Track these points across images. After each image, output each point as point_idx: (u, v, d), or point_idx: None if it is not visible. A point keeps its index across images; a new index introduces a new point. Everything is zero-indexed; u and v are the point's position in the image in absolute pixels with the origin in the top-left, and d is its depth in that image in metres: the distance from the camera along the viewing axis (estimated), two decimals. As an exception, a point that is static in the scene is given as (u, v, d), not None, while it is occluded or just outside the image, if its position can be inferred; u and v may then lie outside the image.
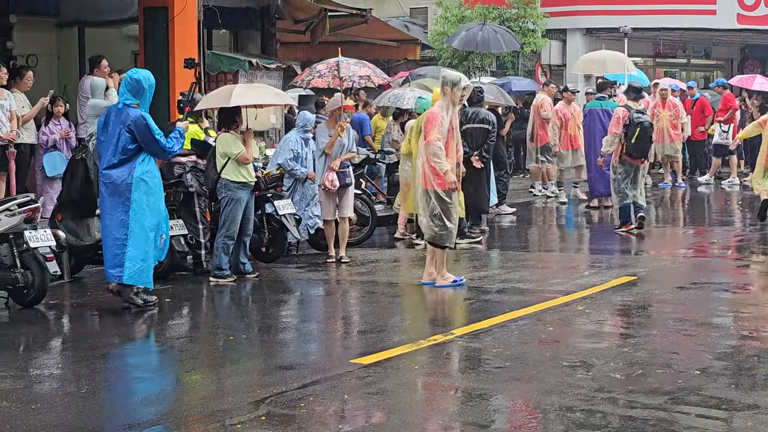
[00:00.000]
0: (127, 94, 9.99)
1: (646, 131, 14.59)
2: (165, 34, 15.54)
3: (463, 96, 10.76)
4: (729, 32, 30.07)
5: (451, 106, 10.68)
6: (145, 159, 9.97)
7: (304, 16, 18.93)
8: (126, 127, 9.81)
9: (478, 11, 27.16)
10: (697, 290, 10.86)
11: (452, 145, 10.74)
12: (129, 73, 10.17)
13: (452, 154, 10.74)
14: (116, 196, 9.92)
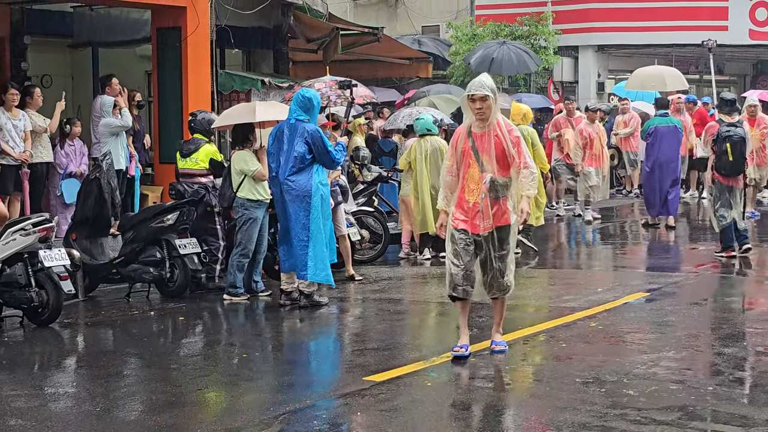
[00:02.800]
0: (299, 111, 10.87)
1: (736, 146, 13.23)
2: (178, 54, 15.65)
3: (480, 110, 8.28)
4: (741, 48, 30.07)
5: (475, 122, 8.42)
6: (318, 169, 10.87)
7: (316, 35, 18.99)
8: (303, 140, 10.70)
9: (490, 29, 27.22)
10: (712, 306, 10.84)
11: (472, 171, 8.42)
12: (300, 92, 11.09)
13: (471, 181, 8.42)
14: (298, 201, 10.81)
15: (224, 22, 16.15)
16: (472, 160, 8.42)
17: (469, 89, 8.38)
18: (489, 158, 8.35)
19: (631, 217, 20.35)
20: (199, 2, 15.42)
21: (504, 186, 8.39)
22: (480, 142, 8.40)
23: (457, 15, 30.24)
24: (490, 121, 8.38)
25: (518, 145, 8.40)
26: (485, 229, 8.36)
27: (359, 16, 31.87)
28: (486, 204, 8.35)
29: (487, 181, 8.33)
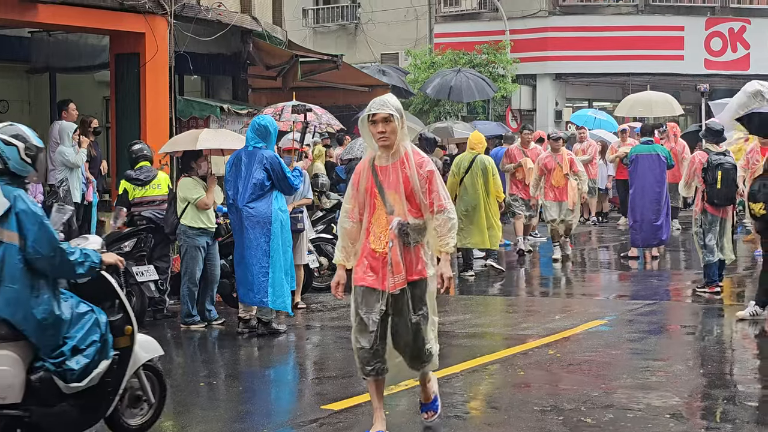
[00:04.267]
0: (256, 138, 10.84)
1: (728, 174, 12.91)
2: (136, 80, 15.59)
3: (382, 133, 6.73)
4: (696, 77, 30.43)
5: (378, 153, 6.90)
6: (277, 195, 10.88)
7: (275, 62, 18.98)
8: (262, 166, 10.67)
9: (449, 57, 27.42)
10: (670, 334, 10.91)
11: (378, 214, 6.88)
12: (256, 120, 11.10)
13: (377, 226, 6.87)
14: (259, 228, 10.75)
15: (183, 48, 16.10)
16: (377, 201, 6.87)
17: (370, 108, 6.80)
18: (397, 197, 6.80)
19: (590, 245, 20.47)
20: (158, 29, 15.39)
21: (418, 231, 6.83)
22: (385, 176, 6.86)
23: (416, 43, 30.45)
24: (396, 149, 6.84)
25: (431, 181, 6.82)
26: (396, 285, 6.75)
27: (319, 43, 31.97)
28: (395, 254, 6.76)
29: (395, 226, 6.74)
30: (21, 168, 6.23)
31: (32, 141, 6.29)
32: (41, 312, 6.05)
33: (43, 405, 6.08)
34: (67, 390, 6.13)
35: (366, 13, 32.45)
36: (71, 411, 6.21)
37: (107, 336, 6.36)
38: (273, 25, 19.29)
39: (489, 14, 29.93)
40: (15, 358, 6.02)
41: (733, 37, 30.11)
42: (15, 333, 6.03)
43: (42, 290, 6.09)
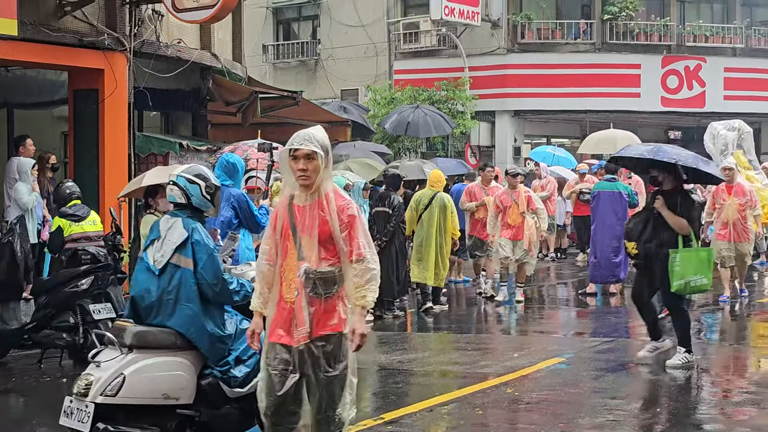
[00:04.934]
0: (223, 176, 10.65)
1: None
2: (95, 116, 15.54)
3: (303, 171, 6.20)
4: (654, 114, 30.80)
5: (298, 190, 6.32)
6: (245, 233, 10.86)
7: (235, 99, 19.00)
8: (230, 204, 10.61)
9: (408, 93, 27.56)
10: (629, 372, 10.96)
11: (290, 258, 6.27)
12: (224, 157, 11.02)
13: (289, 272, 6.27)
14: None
15: (142, 84, 16.08)
16: (290, 243, 6.25)
17: (292, 142, 6.20)
18: (311, 241, 6.19)
19: (548, 281, 20.54)
20: (117, 65, 15.37)
21: (329, 280, 6.17)
22: (301, 217, 6.25)
23: (376, 79, 30.58)
24: (316, 189, 6.21)
25: (353, 227, 6.21)
26: (299, 340, 6.13)
27: (279, 79, 32.02)
28: (299, 304, 6.15)
29: (301, 273, 6.15)
30: (202, 204, 7.21)
31: (212, 180, 7.26)
32: (211, 327, 6.98)
33: (211, 407, 6.99)
34: (231, 394, 7.04)
35: (326, 49, 32.58)
36: (234, 413, 7.09)
37: None
38: (233, 61, 19.33)
39: (448, 51, 30.13)
40: (188, 365, 6.95)
41: (689, 75, 30.48)
42: (188, 344, 6.95)
43: (212, 308, 7.05)
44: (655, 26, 30.31)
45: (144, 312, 7.05)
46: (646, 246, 10.80)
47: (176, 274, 6.98)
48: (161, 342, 6.92)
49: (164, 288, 6.99)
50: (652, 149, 10.87)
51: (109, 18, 15.46)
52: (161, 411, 6.87)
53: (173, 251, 7.00)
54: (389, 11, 31.54)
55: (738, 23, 31.38)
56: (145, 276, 7.10)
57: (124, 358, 6.78)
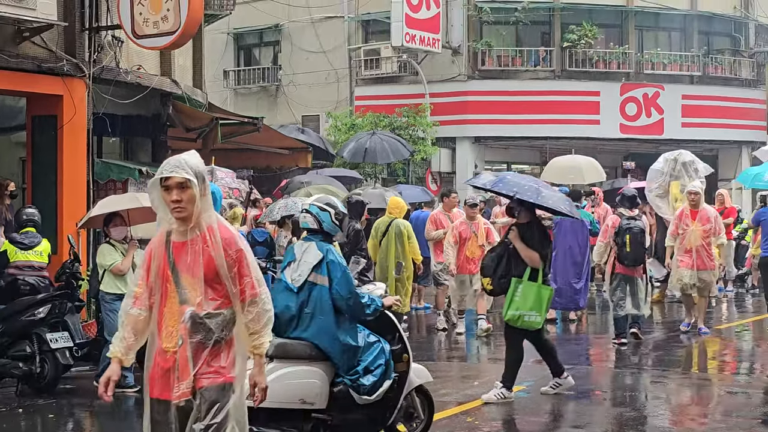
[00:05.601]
0: None
1: (636, 237, 14.10)
2: (53, 142, 15.42)
3: (177, 203, 5.48)
4: (613, 141, 31.02)
5: (174, 225, 5.61)
6: None
7: (195, 125, 18.95)
8: None
9: (369, 119, 27.60)
10: (586, 400, 10.97)
11: (171, 303, 5.59)
12: None
13: (170, 319, 5.57)
14: None
15: (102, 110, 15.99)
16: (170, 286, 5.55)
17: (162, 170, 5.52)
18: (194, 281, 5.50)
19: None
20: (76, 91, 15.28)
21: (218, 325, 5.50)
22: (181, 256, 5.55)
23: (337, 105, 30.61)
24: (196, 221, 5.52)
25: (242, 264, 5.56)
26: (181, 395, 5.45)
27: (240, 104, 32.00)
28: (184, 356, 5.45)
29: (187, 319, 5.46)
30: (332, 229, 8.09)
31: (339, 209, 8.15)
32: (343, 338, 7.78)
33: (342, 412, 7.82)
34: (360, 401, 7.84)
35: (287, 75, 32.58)
36: (362, 418, 7.94)
37: (390, 361, 8.06)
38: (193, 87, 19.27)
39: (409, 77, 30.21)
40: (322, 374, 7.78)
41: (648, 102, 30.75)
42: (322, 355, 7.77)
43: (344, 323, 7.83)
44: (614, 54, 30.57)
45: (283, 326, 7.82)
46: (501, 282, 10.50)
47: (313, 291, 7.82)
48: (298, 353, 7.77)
49: (302, 304, 7.84)
50: (495, 180, 10.47)
51: (68, 44, 15.39)
52: (298, 414, 7.72)
53: (310, 271, 7.85)
54: (350, 37, 31.62)
55: (695, 51, 31.72)
56: (283, 294, 7.94)
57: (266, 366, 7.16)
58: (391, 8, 27.78)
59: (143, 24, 14.85)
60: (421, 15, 28.11)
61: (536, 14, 30.18)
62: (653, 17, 31.78)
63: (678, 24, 32.27)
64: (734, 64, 32.64)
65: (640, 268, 14.42)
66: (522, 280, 10.30)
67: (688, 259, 15.27)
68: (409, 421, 8.54)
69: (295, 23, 32.26)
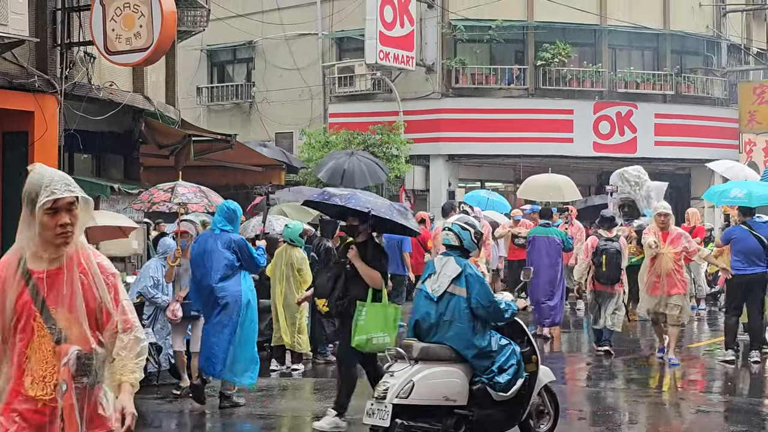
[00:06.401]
0: (223, 221, 11.48)
1: (612, 258, 14.97)
2: (24, 159, 15.27)
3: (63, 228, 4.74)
4: (586, 159, 31.10)
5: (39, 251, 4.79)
6: (245, 275, 11.50)
7: (168, 142, 18.83)
8: (231, 249, 11.28)
9: (343, 137, 27.57)
10: (562, 419, 10.93)
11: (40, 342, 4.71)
12: (225, 204, 11.74)
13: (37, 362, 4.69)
14: (230, 304, 11.22)
15: (73, 126, 15.86)
16: (37, 323, 4.68)
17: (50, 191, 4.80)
18: (71, 316, 4.71)
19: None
20: (48, 107, 15.14)
21: (101, 364, 4.82)
22: (52, 287, 4.71)
23: (311, 122, 30.57)
24: (70, 247, 4.75)
25: (117, 290, 4.88)
26: None
27: (213, 121, 31.91)
28: (70, 404, 4.63)
29: (73, 360, 4.66)
30: (470, 246, 9.03)
31: (477, 228, 9.11)
32: (479, 342, 8.69)
33: (481, 408, 8.68)
34: (497, 398, 8.71)
35: (261, 92, 32.53)
36: (498, 414, 8.80)
37: (521, 361, 8.88)
38: (166, 104, 19.17)
39: (383, 95, 30.22)
40: (462, 374, 8.70)
41: (621, 120, 30.85)
42: (460, 357, 8.70)
43: (478, 329, 8.73)
44: (587, 72, 30.69)
45: (424, 331, 8.83)
46: (338, 303, 10.18)
47: (452, 300, 8.72)
48: (440, 355, 8.68)
49: (441, 312, 8.75)
50: (347, 196, 10.11)
51: (39, 60, 15.26)
52: (442, 411, 8.59)
53: (449, 282, 8.75)
54: (324, 55, 31.61)
55: (668, 70, 31.88)
56: (424, 303, 8.90)
57: (412, 368, 8.58)
58: (365, 26, 27.78)
59: (116, 40, 14.75)
60: (395, 33, 28.13)
61: (510, 32, 30.25)
62: (626, 36, 31.93)
63: (651, 43, 32.45)
64: (706, 84, 32.84)
65: (616, 286, 15.24)
66: (366, 302, 9.94)
67: (657, 285, 14.56)
68: (540, 418, 9.31)
69: (268, 40, 32.23)
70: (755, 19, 35.44)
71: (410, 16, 28.66)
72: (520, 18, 30.42)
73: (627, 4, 31.24)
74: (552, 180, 24.94)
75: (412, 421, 8.40)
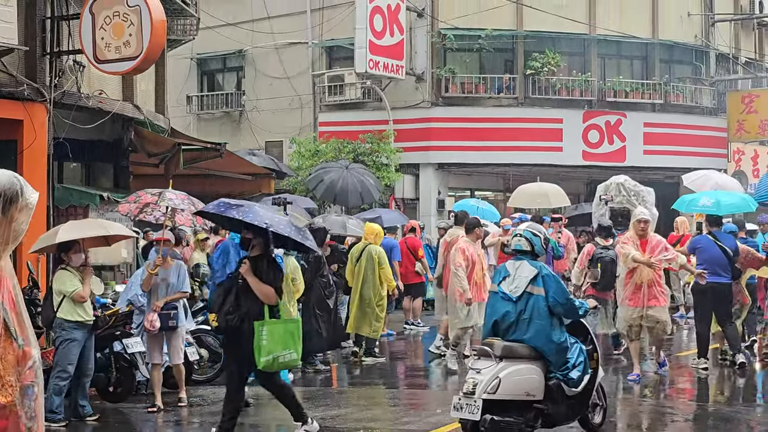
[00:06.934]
0: None
1: (607, 266, 15.37)
2: (13, 167, 15.18)
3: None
4: (575, 168, 31.16)
5: None
6: None
7: (157, 150, 18.82)
8: None
9: (333, 146, 27.58)
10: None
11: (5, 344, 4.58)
12: None
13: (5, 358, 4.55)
14: None
15: (63, 135, 15.86)
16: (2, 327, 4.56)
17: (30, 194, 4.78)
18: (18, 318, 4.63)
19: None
20: (37, 116, 15.15)
21: None
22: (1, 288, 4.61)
23: (301, 131, 30.56)
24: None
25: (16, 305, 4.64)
26: None
27: (203, 130, 31.88)
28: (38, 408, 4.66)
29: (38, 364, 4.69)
30: (540, 251, 9.75)
31: (546, 234, 9.84)
32: (557, 338, 9.34)
33: (554, 402, 9.30)
34: (569, 392, 9.36)
35: (251, 100, 32.52)
36: (568, 408, 9.44)
37: (587, 358, 9.58)
38: (155, 112, 19.18)
39: (373, 104, 30.24)
40: (539, 370, 9.29)
41: (610, 129, 30.91)
42: (538, 354, 9.30)
43: (555, 326, 9.40)
44: (577, 81, 30.74)
45: (503, 330, 9.45)
46: (227, 318, 9.68)
47: (530, 300, 9.37)
48: (520, 353, 9.28)
49: (521, 311, 9.38)
50: (244, 209, 9.75)
51: (29, 68, 15.27)
52: (523, 405, 9.19)
53: (527, 283, 9.41)
54: (314, 63, 31.62)
55: (657, 79, 31.96)
56: (502, 303, 9.51)
57: (497, 365, 9.18)
58: (355, 35, 27.81)
59: (105, 49, 14.76)
60: (385, 42, 28.16)
61: (500, 42, 30.30)
62: (615, 45, 32.01)
63: (640, 52, 32.53)
64: (695, 93, 32.93)
65: (611, 292, 15.53)
66: (264, 321, 9.60)
67: (636, 297, 13.89)
68: (593, 409, 9.96)
69: (258, 49, 32.24)
70: (743, 28, 35.54)
71: (400, 25, 28.70)
72: (510, 27, 30.46)
73: (616, 13, 31.32)
74: (540, 188, 25.11)
75: (498, 417, 8.99)
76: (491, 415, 8.94)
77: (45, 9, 15.53)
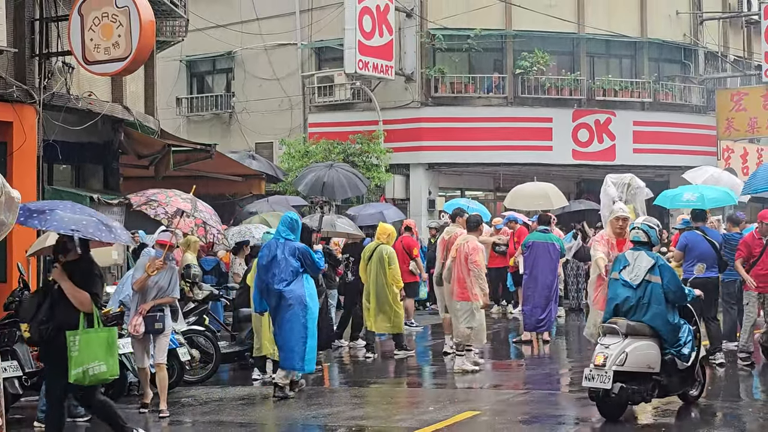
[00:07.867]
0: (287, 231, 12.68)
1: None
2: (3, 169, 15.22)
3: None
4: (565, 167, 31.20)
5: None
6: (307, 278, 12.61)
7: (147, 152, 18.81)
8: (296, 256, 12.46)
9: (323, 146, 27.58)
10: (539, 425, 10.97)
11: None
12: (288, 215, 13.01)
13: None
14: (297, 305, 12.39)
15: (52, 137, 15.83)
16: None
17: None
18: None
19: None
20: (27, 117, 15.13)
21: None
22: None
23: (291, 132, 30.55)
24: None
25: None
26: None
27: (193, 132, 31.86)
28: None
29: None
30: (655, 241, 11.27)
31: (660, 227, 11.24)
32: (672, 319, 10.81)
33: (668, 375, 10.81)
34: (680, 366, 10.84)
35: (240, 102, 32.49)
36: (680, 379, 10.97)
37: (694, 337, 11.01)
38: (145, 114, 19.15)
39: (362, 104, 30.24)
40: (657, 347, 10.77)
41: (599, 128, 30.94)
42: (655, 333, 10.77)
43: (670, 309, 10.87)
44: (566, 81, 30.77)
45: (623, 313, 10.86)
46: (41, 328, 9.10)
47: (648, 286, 10.80)
48: (641, 331, 10.72)
49: (640, 296, 10.81)
50: (47, 218, 9.14)
51: (18, 70, 15.25)
52: (643, 376, 10.63)
53: (646, 272, 10.80)
54: (303, 64, 31.62)
55: (646, 78, 32.01)
56: (623, 290, 10.92)
57: (623, 341, 10.62)
58: (344, 35, 27.80)
59: (94, 50, 14.75)
60: (374, 42, 28.16)
61: (489, 41, 30.33)
62: (604, 44, 32.06)
63: (629, 51, 32.58)
64: (684, 91, 32.98)
65: None
66: (77, 331, 9.05)
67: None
68: (693, 383, 11.29)
69: (248, 50, 32.21)
70: (732, 26, 35.62)
71: (389, 26, 28.70)
72: (499, 27, 30.48)
73: (605, 12, 31.37)
74: (539, 188, 24.99)
75: (625, 384, 10.34)
76: (622, 384, 10.30)
77: (34, 10, 15.51)
